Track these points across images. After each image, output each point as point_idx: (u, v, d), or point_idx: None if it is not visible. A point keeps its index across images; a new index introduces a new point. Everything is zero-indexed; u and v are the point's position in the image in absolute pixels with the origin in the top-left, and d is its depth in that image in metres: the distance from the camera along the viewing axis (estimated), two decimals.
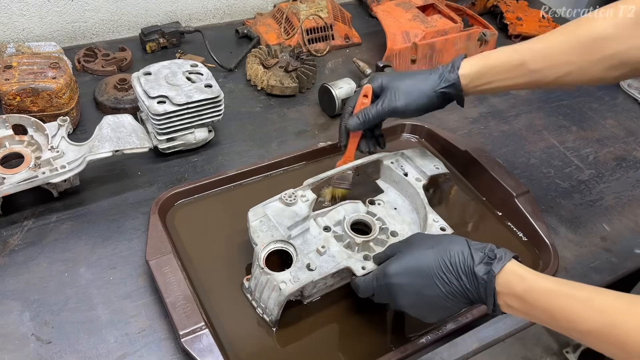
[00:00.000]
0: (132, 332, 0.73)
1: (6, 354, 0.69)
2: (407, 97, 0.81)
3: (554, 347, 1.68)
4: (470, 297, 0.63)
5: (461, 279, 0.63)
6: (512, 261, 0.62)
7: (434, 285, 0.64)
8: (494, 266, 0.61)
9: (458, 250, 0.64)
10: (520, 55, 0.76)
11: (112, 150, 0.86)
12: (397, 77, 0.83)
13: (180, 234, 0.86)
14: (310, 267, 0.73)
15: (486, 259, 0.62)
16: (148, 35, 1.23)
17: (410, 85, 0.81)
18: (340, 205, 0.84)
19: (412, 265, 0.66)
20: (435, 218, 0.80)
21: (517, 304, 0.60)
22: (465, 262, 0.63)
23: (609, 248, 0.93)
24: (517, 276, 0.60)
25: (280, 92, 1.16)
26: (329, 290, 0.79)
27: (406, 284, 0.66)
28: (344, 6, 1.45)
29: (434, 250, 0.65)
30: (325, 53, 1.31)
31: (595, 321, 0.55)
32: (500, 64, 0.77)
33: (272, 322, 0.75)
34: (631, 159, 1.12)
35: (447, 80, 0.79)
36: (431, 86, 0.80)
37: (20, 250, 0.82)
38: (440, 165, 0.90)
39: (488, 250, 0.63)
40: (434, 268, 0.64)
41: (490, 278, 0.61)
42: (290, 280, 0.71)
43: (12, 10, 1.17)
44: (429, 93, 0.80)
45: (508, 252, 0.63)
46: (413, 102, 0.81)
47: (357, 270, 0.73)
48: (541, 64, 0.75)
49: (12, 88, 0.92)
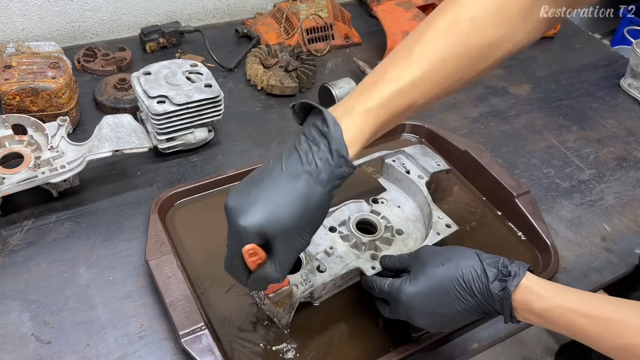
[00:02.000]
0: (131, 333, 0.73)
1: (6, 354, 0.69)
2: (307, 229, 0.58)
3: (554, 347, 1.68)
4: (486, 310, 0.63)
5: (476, 296, 0.62)
6: (527, 276, 0.60)
7: (448, 304, 0.63)
8: (509, 284, 0.60)
9: (470, 267, 0.62)
10: (405, 99, 0.59)
11: (112, 150, 0.86)
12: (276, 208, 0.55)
13: (180, 234, 0.86)
14: (320, 268, 0.73)
15: (500, 276, 0.61)
16: (148, 35, 1.23)
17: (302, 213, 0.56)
18: (344, 204, 0.84)
19: (425, 286, 0.64)
20: (440, 215, 0.81)
21: (535, 320, 0.60)
22: (479, 279, 0.61)
23: (609, 248, 0.93)
24: (535, 294, 0.59)
25: (280, 92, 1.16)
26: (337, 290, 0.79)
27: (421, 306, 0.64)
28: (344, 6, 1.45)
29: (445, 269, 0.63)
30: (325, 53, 1.31)
31: (614, 343, 0.54)
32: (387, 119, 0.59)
33: (284, 325, 0.74)
34: (631, 159, 1.12)
35: (341, 177, 0.57)
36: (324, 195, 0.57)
37: (20, 250, 0.82)
38: (441, 162, 0.90)
39: (501, 265, 0.61)
40: (447, 287, 0.63)
41: (507, 295, 0.60)
42: (301, 282, 0.71)
43: (12, 10, 1.16)
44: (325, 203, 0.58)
45: (522, 265, 0.61)
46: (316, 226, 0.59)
47: (367, 270, 0.74)
48: (428, 96, 0.60)
49: (11, 88, 0.92)
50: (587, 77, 1.35)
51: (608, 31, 2.46)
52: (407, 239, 0.81)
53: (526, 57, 1.39)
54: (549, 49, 1.43)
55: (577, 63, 1.40)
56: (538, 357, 1.66)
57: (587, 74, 1.36)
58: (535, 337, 1.70)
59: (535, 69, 1.36)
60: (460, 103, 1.21)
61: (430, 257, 0.66)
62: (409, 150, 0.91)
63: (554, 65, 1.37)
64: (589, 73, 1.36)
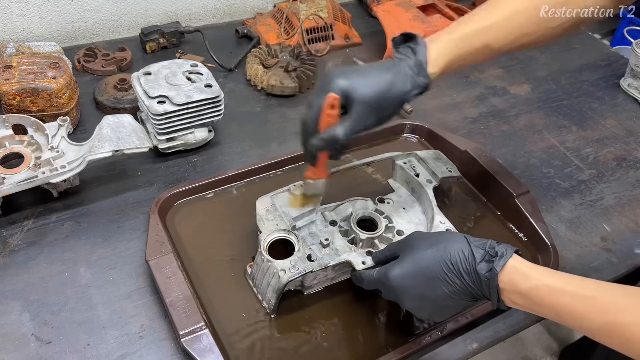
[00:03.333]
0: (132, 332, 0.73)
1: (6, 354, 0.69)
2: (379, 113, 0.70)
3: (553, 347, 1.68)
4: (474, 294, 0.63)
5: (463, 277, 0.62)
6: (514, 257, 0.61)
7: (436, 286, 0.64)
8: (495, 264, 0.60)
9: (458, 249, 0.63)
10: (482, 38, 0.73)
11: (112, 150, 0.86)
12: (364, 85, 0.69)
13: (180, 234, 0.86)
14: (311, 257, 0.74)
15: (487, 257, 0.61)
16: (148, 35, 1.23)
17: (381, 97, 0.68)
18: (349, 200, 0.85)
19: (413, 268, 0.65)
20: (442, 220, 0.80)
21: (521, 301, 0.60)
22: (467, 261, 0.62)
23: (609, 248, 0.93)
24: (521, 274, 0.60)
25: (280, 92, 1.16)
26: (330, 282, 0.80)
27: (409, 287, 0.66)
28: (344, 6, 1.45)
29: (433, 251, 0.65)
30: (325, 53, 1.31)
31: (599, 320, 0.55)
32: (465, 51, 0.73)
33: (270, 309, 0.76)
34: (631, 159, 1.12)
35: (418, 86, 0.70)
36: (401, 94, 0.69)
37: (20, 250, 0.82)
38: (453, 168, 0.90)
39: (489, 247, 0.62)
40: (435, 269, 0.63)
41: (493, 276, 0.60)
42: (289, 268, 0.72)
43: (12, 10, 1.16)
44: (399, 103, 0.70)
45: (509, 247, 0.62)
46: (386, 116, 0.71)
47: (357, 264, 0.74)
48: (502, 42, 0.73)
49: (12, 88, 0.92)
50: (587, 77, 1.35)
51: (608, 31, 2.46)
52: None
53: (526, 57, 1.39)
54: (548, 49, 1.43)
55: (577, 63, 1.40)
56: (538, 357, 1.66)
57: (587, 74, 1.36)
58: (535, 337, 1.70)
59: (535, 69, 1.36)
60: (460, 103, 1.21)
61: (418, 241, 0.68)
62: (422, 154, 0.90)
63: (553, 65, 1.37)
64: (588, 73, 1.36)
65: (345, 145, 0.70)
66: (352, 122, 0.68)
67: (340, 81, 0.67)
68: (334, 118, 0.68)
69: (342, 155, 0.73)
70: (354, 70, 0.70)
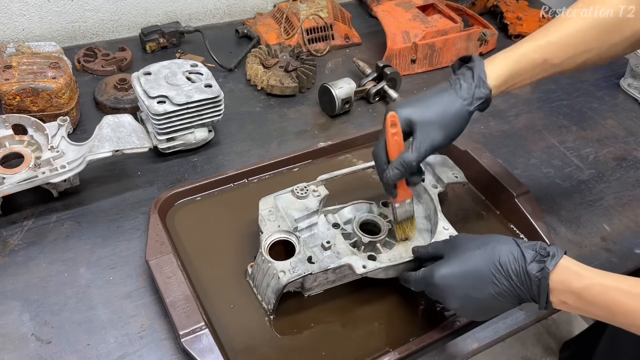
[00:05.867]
0: (132, 332, 0.73)
1: (6, 354, 0.69)
2: (444, 130, 0.72)
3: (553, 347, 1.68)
4: (521, 296, 0.63)
5: (511, 278, 0.62)
6: (564, 257, 0.61)
7: (483, 287, 0.64)
8: (547, 263, 0.60)
9: (507, 250, 0.63)
10: (542, 53, 0.74)
11: (112, 150, 0.86)
12: (423, 107, 0.73)
13: (180, 234, 0.86)
14: (311, 260, 0.74)
15: (538, 257, 0.61)
16: (148, 35, 1.23)
17: (442, 114, 0.72)
18: (353, 203, 0.85)
19: (460, 268, 0.65)
20: (445, 225, 0.80)
21: (572, 301, 0.60)
22: (516, 262, 0.62)
23: (609, 248, 0.93)
24: (574, 273, 0.60)
25: (280, 92, 1.16)
26: (330, 285, 0.79)
27: (454, 287, 0.66)
28: (344, 6, 1.45)
29: (482, 251, 0.65)
30: (325, 53, 1.31)
31: None
32: (523, 66, 0.74)
33: (270, 310, 0.76)
34: (631, 159, 1.12)
35: (479, 97, 0.73)
36: (463, 108, 0.73)
37: (20, 250, 0.82)
38: (460, 174, 0.90)
39: (539, 247, 0.62)
40: (483, 270, 0.63)
41: (545, 275, 0.60)
42: (289, 270, 0.72)
43: (12, 10, 1.17)
44: (463, 115, 0.73)
45: (559, 248, 0.62)
46: (452, 132, 0.73)
47: (358, 268, 0.74)
48: (562, 57, 0.74)
49: (12, 88, 0.92)
50: (587, 77, 1.35)
51: None
52: (410, 246, 0.81)
53: None
54: None
55: None
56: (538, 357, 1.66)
57: (587, 74, 1.35)
58: (535, 337, 1.70)
59: None
60: None
61: (465, 242, 0.68)
62: (429, 159, 0.90)
63: None
64: (588, 73, 1.36)
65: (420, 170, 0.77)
66: (418, 142, 0.72)
67: (398, 109, 0.73)
68: (398, 138, 0.73)
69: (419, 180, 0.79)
70: (413, 100, 0.74)
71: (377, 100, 1.19)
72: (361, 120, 1.14)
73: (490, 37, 1.36)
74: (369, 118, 1.15)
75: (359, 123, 1.13)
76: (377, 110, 1.17)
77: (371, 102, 1.18)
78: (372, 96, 1.17)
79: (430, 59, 1.29)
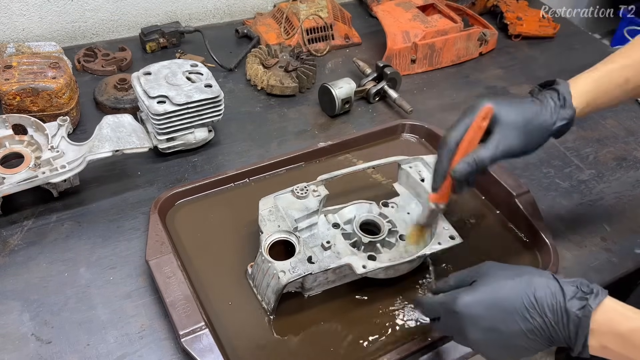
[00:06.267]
0: (132, 332, 0.73)
1: (6, 354, 0.70)
2: (525, 138, 0.70)
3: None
4: (554, 336, 0.57)
5: (546, 315, 0.57)
6: (608, 297, 0.56)
7: (512, 321, 0.58)
8: (590, 301, 0.55)
9: (544, 284, 0.58)
10: (624, 73, 0.74)
11: (112, 150, 0.86)
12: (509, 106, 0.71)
13: (180, 234, 0.86)
14: (311, 260, 0.74)
15: (580, 294, 0.56)
16: (148, 35, 1.23)
17: (528, 122, 0.70)
18: (353, 203, 0.85)
19: (489, 297, 0.60)
20: (445, 226, 0.80)
21: (616, 345, 0.55)
22: (553, 297, 0.57)
23: (609, 248, 0.93)
24: (620, 314, 0.55)
25: (280, 92, 1.16)
26: (331, 285, 0.79)
27: (479, 317, 0.59)
28: (344, 6, 1.45)
29: (515, 282, 0.59)
30: (325, 53, 1.31)
31: None
32: (607, 88, 0.74)
33: (269, 310, 0.76)
34: (631, 159, 1.12)
35: (563, 118, 0.72)
36: (547, 124, 0.71)
37: (20, 250, 0.82)
38: None
39: (580, 284, 0.57)
40: (515, 302, 0.58)
41: (586, 314, 0.55)
42: (289, 270, 0.72)
43: (12, 10, 1.17)
44: (545, 131, 0.71)
45: (602, 288, 0.57)
46: (531, 143, 0.71)
47: (358, 268, 0.74)
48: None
49: (12, 88, 0.92)
50: None
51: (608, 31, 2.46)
52: (410, 246, 0.81)
53: (526, 57, 1.39)
54: (549, 49, 1.43)
55: (577, 63, 1.38)
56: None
57: None
58: None
59: (535, 69, 1.36)
60: (460, 103, 1.21)
61: (496, 270, 0.63)
62: (428, 159, 0.90)
63: (554, 66, 1.37)
64: None
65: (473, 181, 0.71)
66: (497, 142, 0.69)
67: (487, 102, 0.70)
68: (481, 133, 0.70)
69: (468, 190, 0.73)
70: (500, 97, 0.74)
71: (377, 100, 1.19)
72: (361, 120, 1.14)
73: (490, 37, 1.36)
74: (369, 118, 1.15)
75: (359, 123, 1.13)
76: (377, 110, 1.17)
77: (371, 102, 1.18)
78: (372, 96, 1.17)
79: (430, 59, 1.29)
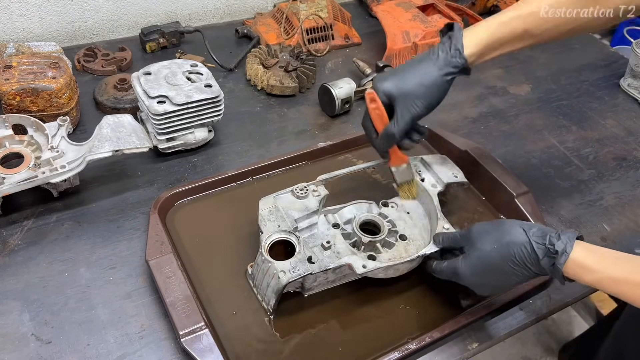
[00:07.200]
0: (132, 332, 0.73)
1: (6, 354, 0.70)
2: (423, 100, 0.76)
3: (553, 347, 1.67)
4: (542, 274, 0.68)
5: (529, 269, 0.67)
6: (575, 250, 0.63)
7: (506, 279, 0.69)
8: (557, 261, 0.64)
9: (520, 246, 0.66)
10: (523, 23, 0.75)
11: (112, 150, 0.86)
12: (401, 78, 0.77)
13: (180, 234, 0.86)
14: (311, 260, 0.74)
15: (548, 253, 0.65)
16: (148, 35, 1.23)
17: (420, 85, 0.76)
18: (353, 203, 0.85)
19: (481, 268, 0.70)
20: (445, 225, 0.80)
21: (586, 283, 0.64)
22: (530, 256, 0.66)
23: (609, 248, 0.92)
24: (583, 268, 0.63)
25: (280, 92, 1.16)
26: (330, 285, 0.79)
27: (479, 284, 0.72)
28: (344, 6, 1.45)
29: (498, 250, 0.68)
30: (325, 53, 1.31)
31: None
32: (504, 36, 0.76)
33: (270, 310, 0.76)
34: (631, 159, 1.12)
35: (455, 66, 0.76)
36: (440, 76, 0.76)
37: (20, 250, 0.82)
38: (459, 174, 0.90)
39: (548, 243, 0.65)
40: (502, 266, 0.68)
41: (557, 270, 0.64)
42: (289, 270, 0.72)
43: (12, 10, 1.17)
44: (440, 84, 0.76)
45: (569, 238, 0.64)
46: (431, 102, 0.77)
47: (358, 268, 0.74)
48: (544, 27, 0.75)
49: (12, 88, 0.92)
50: (587, 77, 1.35)
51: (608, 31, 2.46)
52: (410, 246, 0.81)
53: (526, 57, 1.39)
54: (548, 49, 1.43)
55: (577, 63, 1.40)
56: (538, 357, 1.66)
57: (587, 74, 1.36)
58: (535, 337, 1.70)
59: (535, 69, 1.36)
60: (460, 103, 1.21)
61: (481, 238, 0.71)
62: (427, 158, 0.90)
63: (553, 66, 1.37)
64: (588, 73, 1.36)
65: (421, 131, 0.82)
66: (399, 115, 0.77)
67: (376, 84, 0.78)
68: (380, 111, 0.78)
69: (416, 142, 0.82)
70: (392, 73, 0.78)
71: None
72: (361, 120, 1.14)
73: None
74: None
75: (359, 123, 1.11)
76: None
77: None
78: None
79: None
